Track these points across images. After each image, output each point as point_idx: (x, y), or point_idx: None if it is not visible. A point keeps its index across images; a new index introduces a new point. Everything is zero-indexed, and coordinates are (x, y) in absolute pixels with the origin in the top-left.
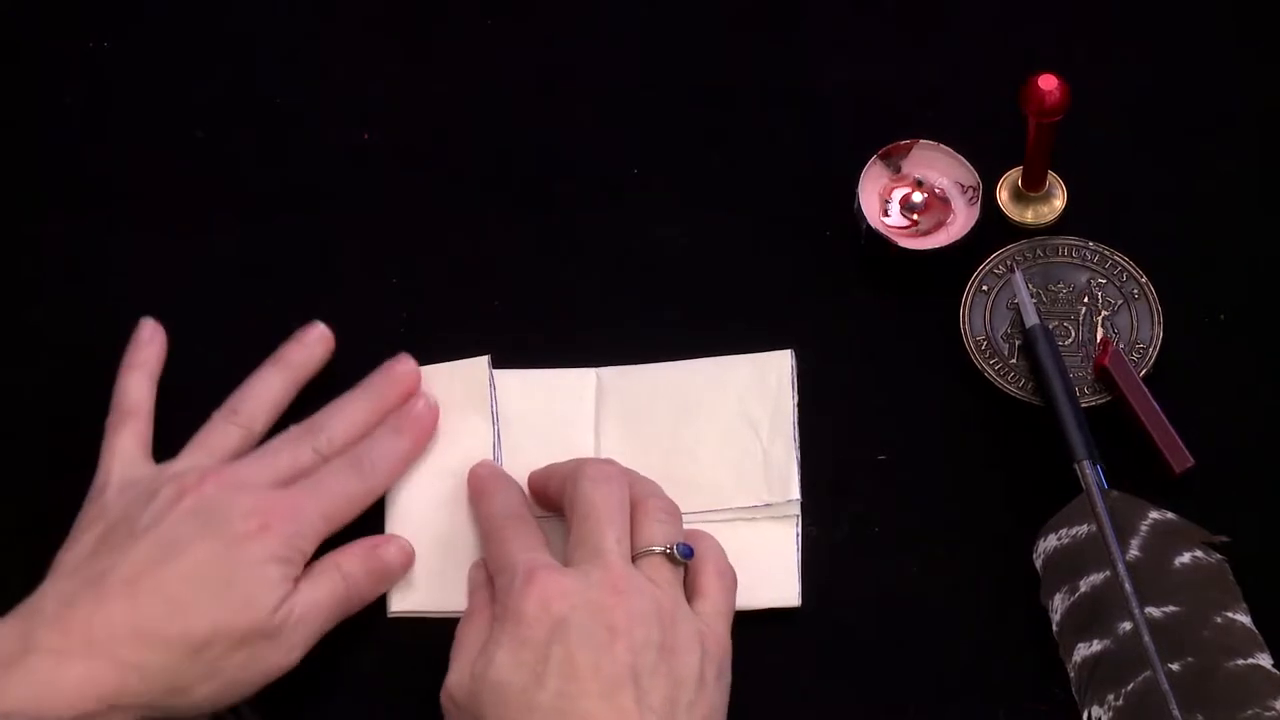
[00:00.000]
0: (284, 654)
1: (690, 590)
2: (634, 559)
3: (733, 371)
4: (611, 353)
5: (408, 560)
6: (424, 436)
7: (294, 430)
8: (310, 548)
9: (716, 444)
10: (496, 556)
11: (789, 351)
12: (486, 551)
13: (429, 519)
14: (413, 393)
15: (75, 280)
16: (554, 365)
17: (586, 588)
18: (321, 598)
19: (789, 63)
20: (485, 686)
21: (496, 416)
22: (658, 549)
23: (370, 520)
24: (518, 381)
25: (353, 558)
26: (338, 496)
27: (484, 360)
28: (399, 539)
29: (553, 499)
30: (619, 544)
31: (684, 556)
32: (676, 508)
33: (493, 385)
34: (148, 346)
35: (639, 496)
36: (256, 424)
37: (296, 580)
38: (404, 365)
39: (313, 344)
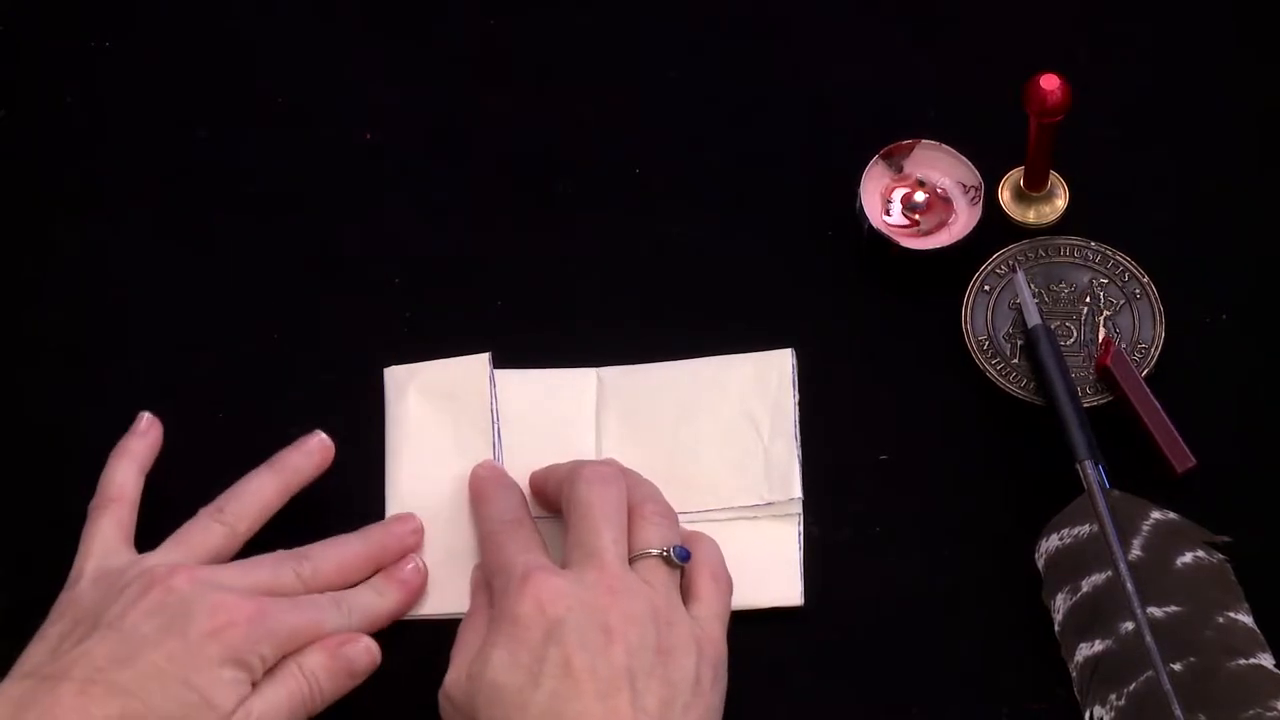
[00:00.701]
0: None
1: (686, 593)
2: (630, 561)
3: (734, 371)
4: (612, 352)
5: (373, 661)
6: (409, 600)
7: (281, 553)
8: (272, 656)
9: (718, 443)
10: (494, 559)
11: (789, 351)
12: (484, 554)
13: (429, 519)
14: (411, 551)
15: (76, 280)
16: (555, 365)
17: (582, 589)
18: (282, 700)
19: (791, 62)
20: (481, 687)
21: (497, 415)
22: (654, 551)
23: (369, 509)
24: (518, 381)
25: (316, 657)
26: (309, 622)
27: (484, 357)
28: (365, 638)
29: (552, 500)
30: (615, 545)
31: (680, 559)
32: (673, 510)
33: (493, 383)
34: (142, 438)
35: (636, 499)
36: (241, 525)
37: (254, 684)
38: (408, 525)
39: (312, 452)
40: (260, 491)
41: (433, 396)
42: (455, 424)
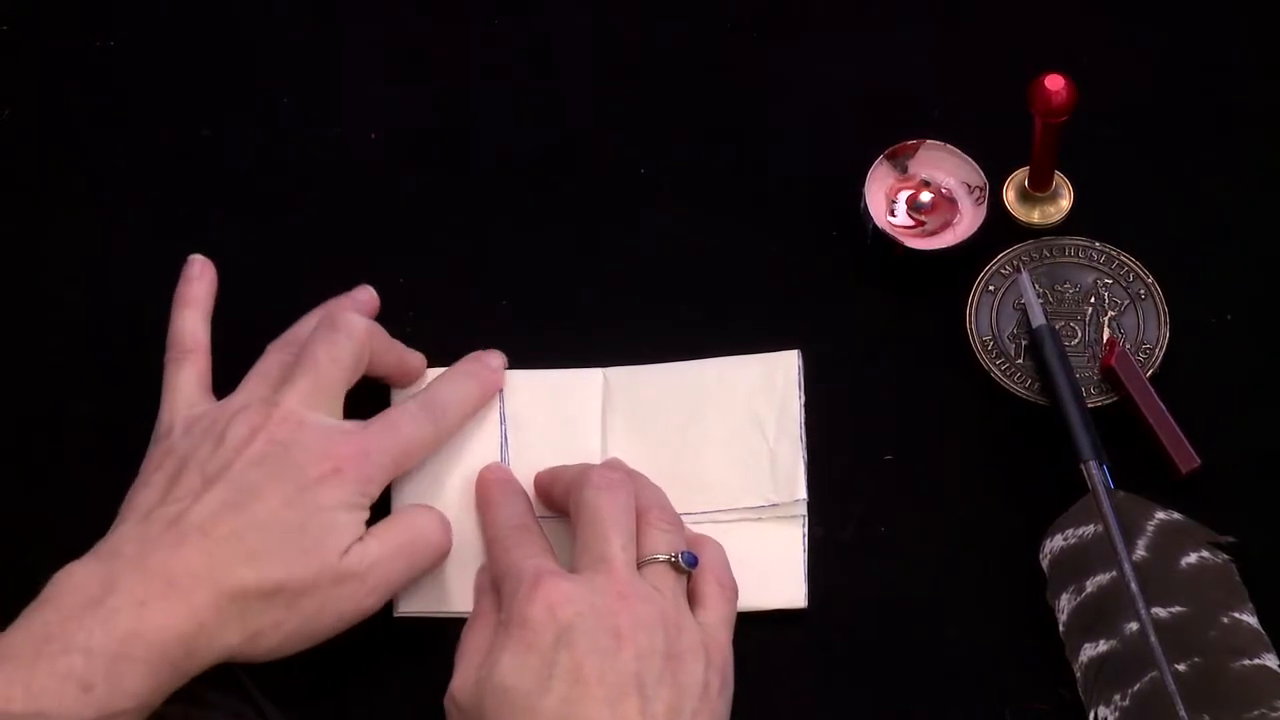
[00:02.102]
0: (357, 601)
1: (692, 599)
2: (638, 567)
3: (740, 371)
4: (616, 352)
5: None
6: (493, 387)
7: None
8: (377, 491)
9: (723, 444)
10: (502, 562)
11: (796, 352)
12: (491, 557)
13: None
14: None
15: (80, 279)
16: (560, 365)
17: (592, 593)
18: (394, 547)
19: (795, 62)
20: (489, 690)
21: (505, 418)
22: (662, 557)
23: (374, 509)
24: (524, 381)
25: (423, 512)
26: (407, 440)
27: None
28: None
29: (558, 502)
30: (624, 551)
31: (688, 565)
32: (679, 517)
33: (501, 386)
34: (198, 282)
35: (644, 505)
36: None
37: (366, 523)
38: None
39: (363, 302)
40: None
41: None
42: (465, 427)
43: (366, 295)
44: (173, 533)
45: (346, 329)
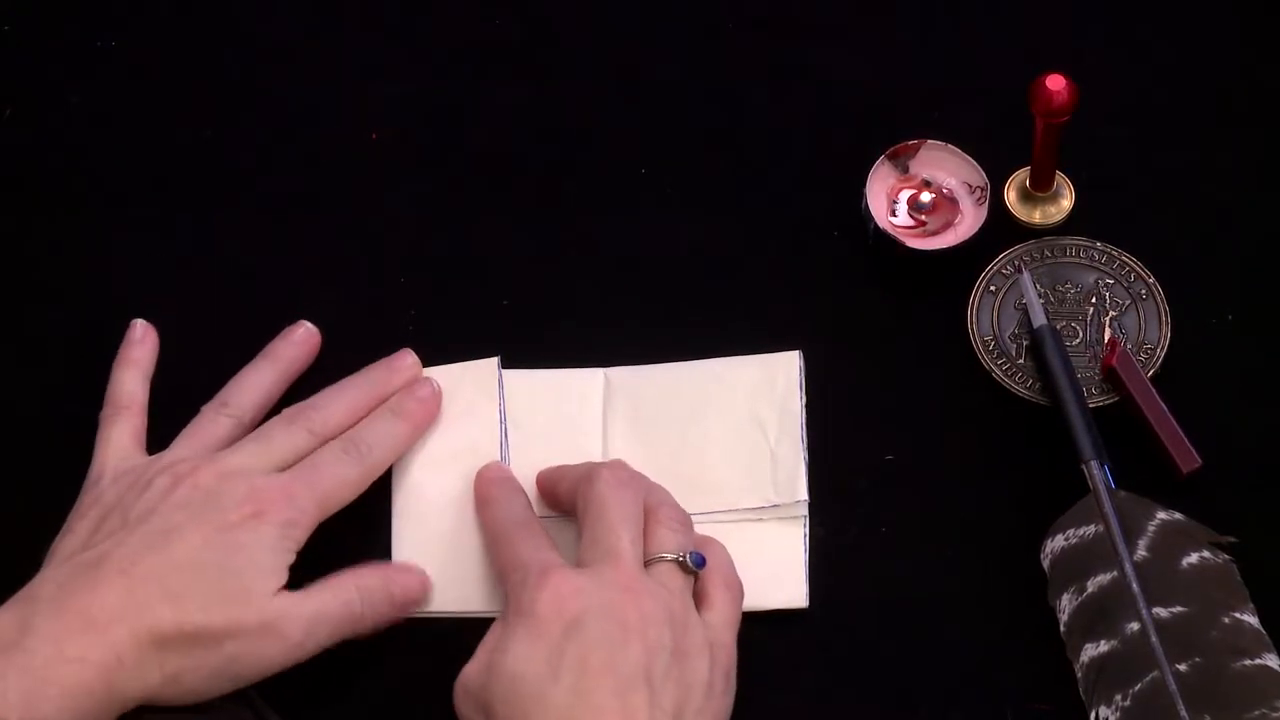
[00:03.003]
0: (282, 650)
1: (698, 599)
2: (645, 565)
3: (741, 372)
4: (618, 352)
5: (425, 592)
6: (425, 422)
7: (288, 412)
8: (304, 534)
9: (725, 444)
10: (508, 557)
11: (797, 353)
12: (496, 553)
13: (437, 519)
14: (414, 380)
15: (82, 280)
16: (561, 364)
17: (600, 586)
18: (332, 607)
19: (796, 62)
20: (499, 677)
21: (505, 417)
22: (670, 556)
23: (374, 509)
24: (525, 380)
25: (372, 577)
26: (332, 481)
27: (494, 361)
28: (419, 572)
29: (563, 500)
30: (633, 546)
31: (696, 566)
32: (688, 517)
33: (501, 386)
34: (139, 345)
35: (652, 504)
36: (246, 415)
37: (290, 567)
38: (406, 359)
39: (300, 341)
40: (260, 381)
41: (442, 398)
42: (464, 426)
43: (303, 333)
44: (92, 574)
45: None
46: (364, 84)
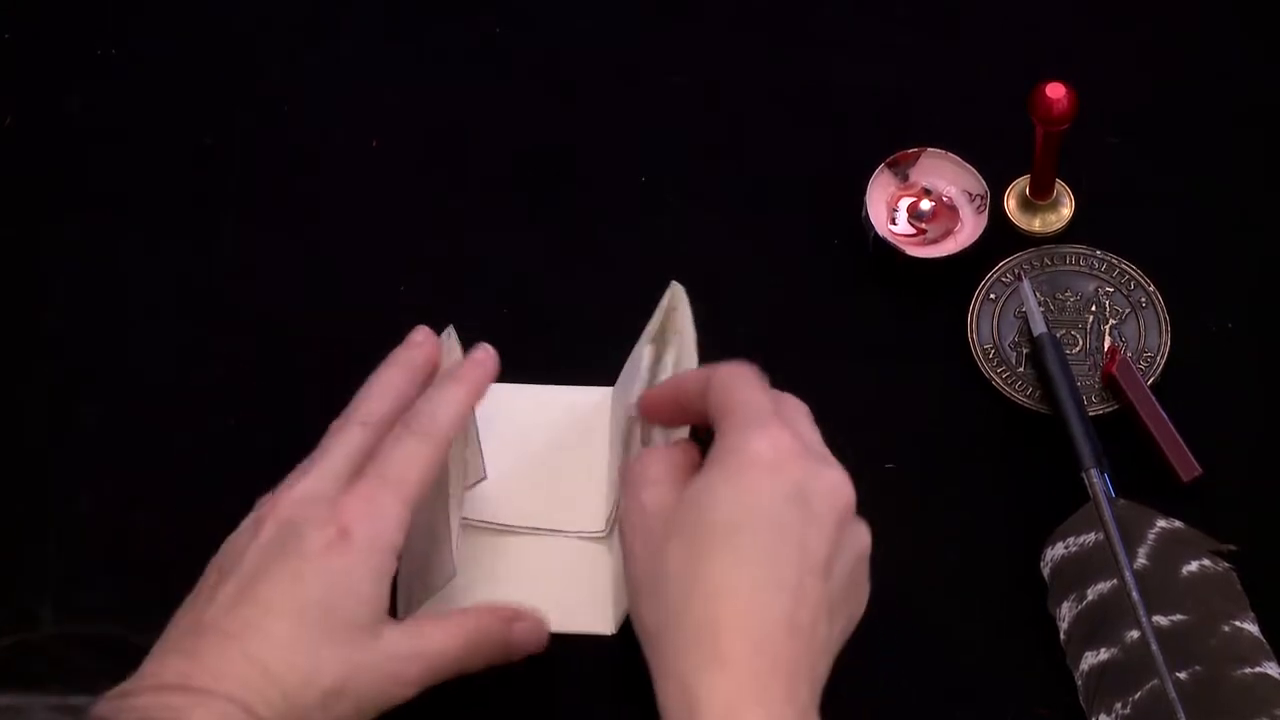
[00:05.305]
0: (395, 680)
1: None
2: None
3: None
4: (618, 360)
5: (541, 642)
6: (484, 382)
7: (335, 423)
8: (398, 538)
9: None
10: (730, 397)
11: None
12: (714, 394)
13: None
14: (436, 354)
15: (81, 288)
16: (559, 369)
17: (803, 446)
18: (452, 650)
19: (796, 71)
20: (691, 507)
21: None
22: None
23: None
24: (530, 398)
25: (492, 620)
26: (405, 465)
27: (448, 331)
28: (540, 621)
29: (688, 406)
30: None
31: None
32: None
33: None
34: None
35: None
36: (376, 420)
37: (393, 577)
38: (419, 334)
39: (419, 343)
40: (391, 382)
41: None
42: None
43: (430, 348)
44: (194, 639)
45: (423, 429)
46: (364, 91)
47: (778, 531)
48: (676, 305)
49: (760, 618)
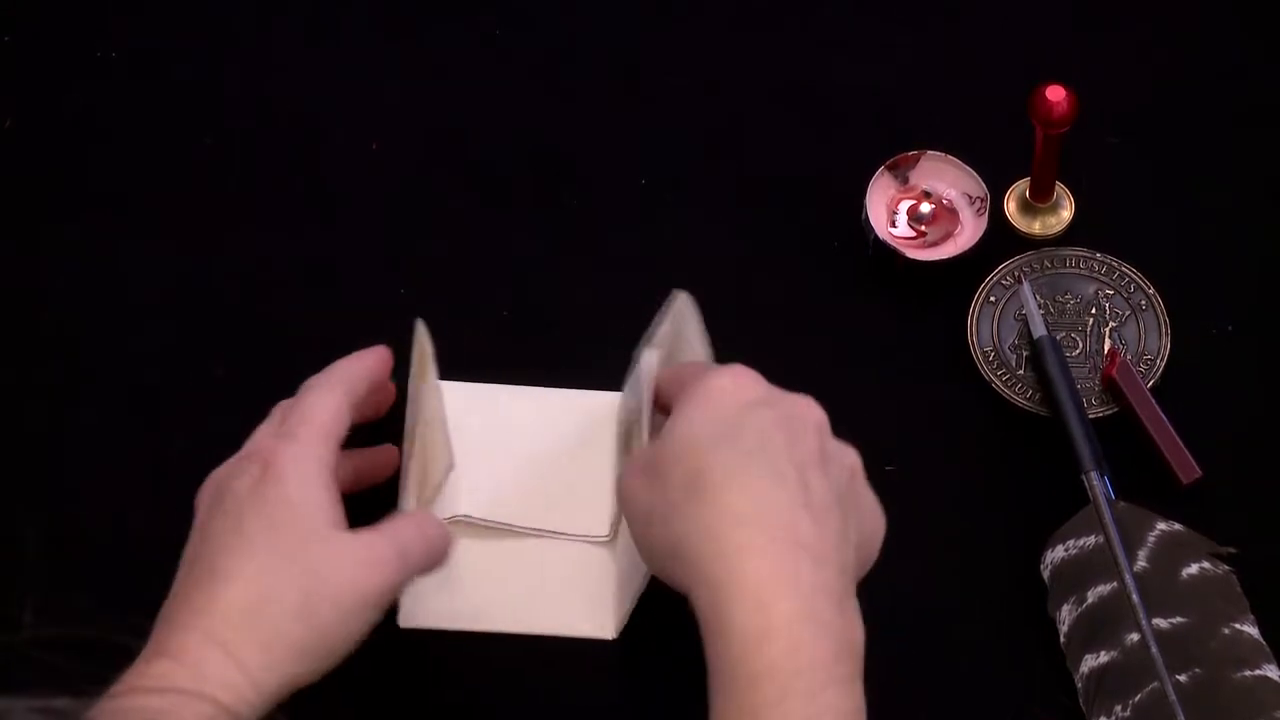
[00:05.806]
0: (369, 566)
1: None
2: None
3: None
4: (617, 363)
5: (447, 542)
6: (379, 352)
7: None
8: (321, 450)
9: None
10: (685, 370)
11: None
12: (672, 373)
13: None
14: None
15: (82, 289)
16: (559, 370)
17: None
18: (414, 542)
19: (796, 73)
20: (673, 439)
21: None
22: None
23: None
24: (537, 402)
25: (408, 526)
26: (309, 411)
27: (417, 323)
28: (440, 523)
29: (666, 406)
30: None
31: None
32: None
33: (436, 361)
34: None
35: None
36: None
37: (334, 491)
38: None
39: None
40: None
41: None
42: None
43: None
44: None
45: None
46: (364, 93)
47: (758, 434)
48: (687, 320)
49: (769, 500)
